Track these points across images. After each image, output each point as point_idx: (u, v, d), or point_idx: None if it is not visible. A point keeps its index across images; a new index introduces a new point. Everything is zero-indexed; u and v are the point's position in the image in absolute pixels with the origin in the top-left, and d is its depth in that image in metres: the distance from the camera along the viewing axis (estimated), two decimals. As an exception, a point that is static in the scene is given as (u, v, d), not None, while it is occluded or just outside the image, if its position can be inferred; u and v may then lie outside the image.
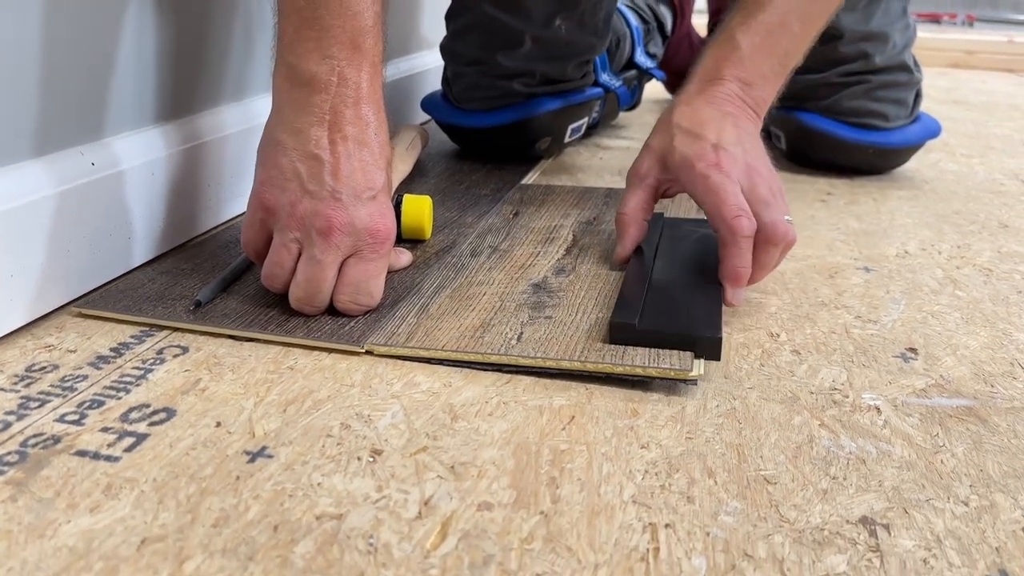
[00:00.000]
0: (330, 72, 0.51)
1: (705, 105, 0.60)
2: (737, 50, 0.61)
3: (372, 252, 0.52)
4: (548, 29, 0.87)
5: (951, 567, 0.34)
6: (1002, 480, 0.40)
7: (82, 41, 0.55)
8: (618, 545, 0.35)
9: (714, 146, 0.57)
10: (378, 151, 0.53)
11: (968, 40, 1.96)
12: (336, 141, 0.51)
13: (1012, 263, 0.69)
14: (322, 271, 0.51)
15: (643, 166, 0.61)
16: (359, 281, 0.52)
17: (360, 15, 0.51)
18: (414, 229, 0.66)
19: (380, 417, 0.44)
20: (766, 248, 0.55)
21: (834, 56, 0.90)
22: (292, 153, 0.51)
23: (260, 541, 0.34)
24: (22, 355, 0.49)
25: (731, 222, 0.54)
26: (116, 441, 0.41)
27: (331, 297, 0.53)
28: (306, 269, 0.51)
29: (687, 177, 0.57)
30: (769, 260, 0.56)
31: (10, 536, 0.34)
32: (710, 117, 0.59)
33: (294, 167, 0.51)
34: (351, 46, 0.51)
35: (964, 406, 0.47)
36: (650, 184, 0.61)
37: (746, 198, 0.55)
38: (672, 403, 0.46)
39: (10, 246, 0.49)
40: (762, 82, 0.62)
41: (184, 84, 0.66)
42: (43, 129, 0.53)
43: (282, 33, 0.52)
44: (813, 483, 0.39)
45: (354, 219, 0.51)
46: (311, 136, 0.51)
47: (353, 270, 0.52)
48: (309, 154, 0.51)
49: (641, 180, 0.61)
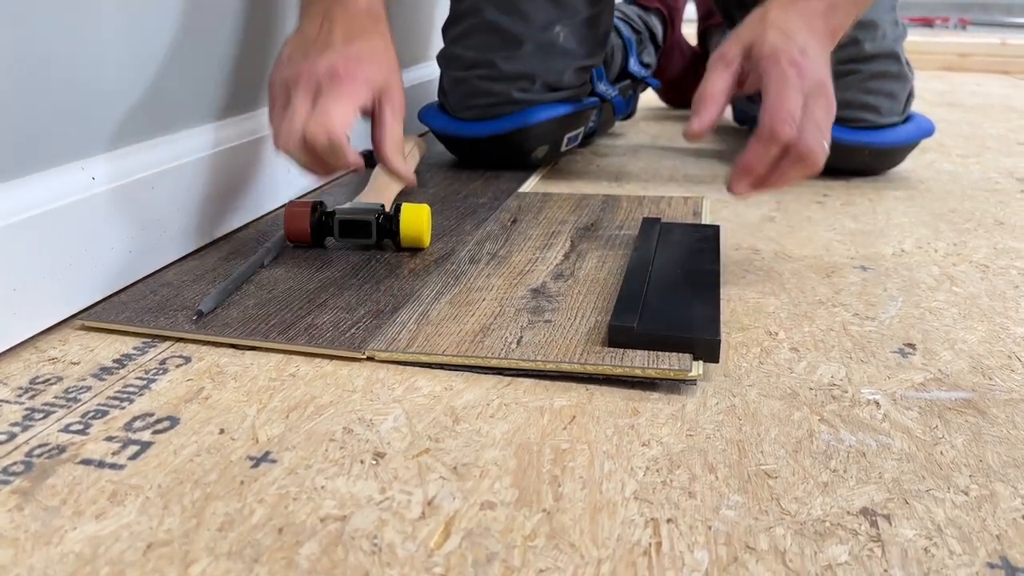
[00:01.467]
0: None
1: (796, 15, 0.62)
2: None
3: (330, 89, 0.60)
4: (548, 34, 0.88)
5: (952, 555, 0.34)
6: (1002, 470, 0.40)
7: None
8: (621, 540, 0.35)
9: (800, 50, 0.59)
10: (357, 25, 0.63)
11: (961, 43, 1.98)
12: (323, 24, 0.63)
13: (1008, 259, 0.69)
14: (294, 108, 0.60)
15: (730, 51, 0.63)
16: (317, 112, 0.59)
17: None
18: (413, 237, 0.66)
19: (382, 421, 0.44)
20: (793, 164, 0.58)
21: None
22: (290, 44, 0.64)
23: (265, 544, 0.35)
24: (26, 368, 0.49)
25: (777, 124, 0.57)
26: (121, 449, 0.41)
27: None
28: (286, 110, 0.61)
29: (767, 67, 0.59)
30: (789, 174, 0.58)
31: (17, 543, 0.34)
32: (800, 27, 0.61)
33: (288, 51, 0.63)
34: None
35: (963, 399, 0.47)
36: (735, 70, 0.62)
37: (803, 111, 0.57)
38: (672, 401, 0.46)
39: (12, 260, 0.50)
40: (844, 9, 0.65)
41: (184, 97, 0.67)
42: (42, 144, 0.53)
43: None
44: (814, 476, 0.40)
45: (316, 66, 0.61)
46: (305, 26, 0.64)
47: (317, 102, 0.60)
48: (302, 36, 0.63)
49: (728, 65, 0.62)
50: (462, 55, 0.91)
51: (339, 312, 0.56)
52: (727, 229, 0.77)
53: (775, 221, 0.79)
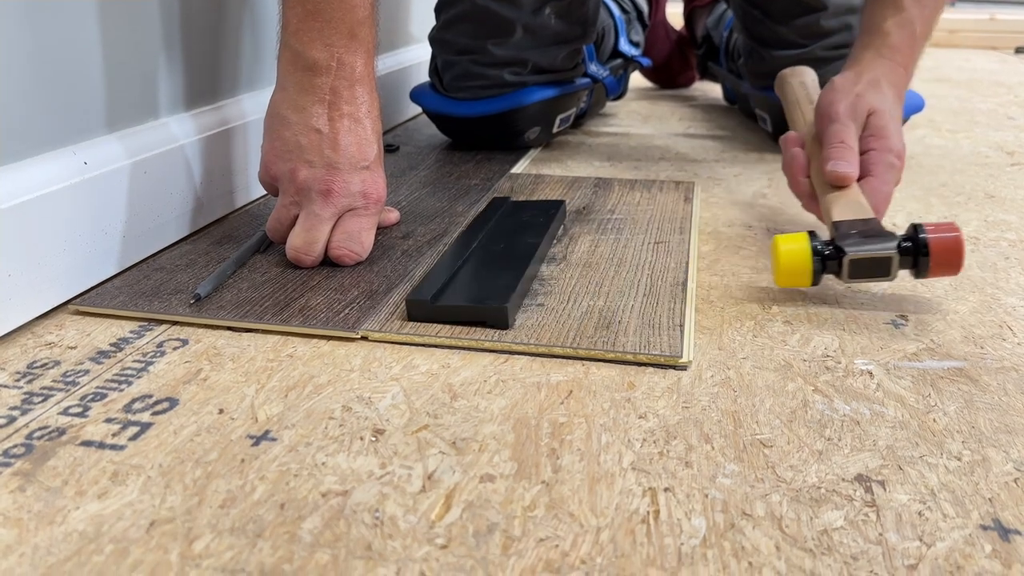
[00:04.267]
0: (330, 58, 0.58)
1: (888, 85, 0.65)
2: (912, 34, 0.67)
3: (365, 210, 0.60)
4: (538, 18, 0.88)
5: (946, 518, 0.35)
6: (993, 436, 0.41)
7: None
8: (619, 509, 0.35)
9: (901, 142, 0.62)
10: (371, 127, 0.60)
11: (950, 19, 1.97)
12: (334, 118, 0.58)
13: (999, 231, 0.69)
14: (320, 223, 0.58)
15: (840, 111, 0.63)
16: (352, 231, 0.59)
17: (357, 8, 0.58)
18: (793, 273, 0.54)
19: (381, 399, 0.44)
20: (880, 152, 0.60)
21: (817, 29, 0.91)
22: (295, 127, 0.59)
23: (268, 519, 0.35)
24: (23, 353, 0.49)
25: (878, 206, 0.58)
26: (120, 431, 0.41)
27: (326, 249, 0.59)
28: (305, 222, 0.59)
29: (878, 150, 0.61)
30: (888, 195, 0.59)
31: (20, 524, 0.35)
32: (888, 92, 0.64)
33: (296, 140, 0.58)
34: (349, 35, 0.58)
35: (955, 367, 0.47)
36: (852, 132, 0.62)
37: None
38: (668, 375, 0.47)
39: (6, 246, 0.50)
40: (910, 72, 0.69)
41: (175, 81, 0.67)
42: (33, 130, 0.53)
43: (287, 22, 0.59)
44: (808, 445, 0.40)
45: (350, 184, 0.59)
46: (313, 113, 0.58)
47: (348, 222, 0.59)
48: (311, 128, 0.58)
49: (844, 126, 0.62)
50: (454, 40, 0.91)
51: (332, 293, 0.56)
52: (720, 206, 0.77)
53: (767, 198, 0.79)
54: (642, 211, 0.73)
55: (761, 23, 0.96)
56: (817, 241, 0.54)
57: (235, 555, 0.33)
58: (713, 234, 0.69)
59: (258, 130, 0.75)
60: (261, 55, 0.78)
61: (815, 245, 0.53)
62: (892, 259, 0.52)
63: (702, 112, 1.22)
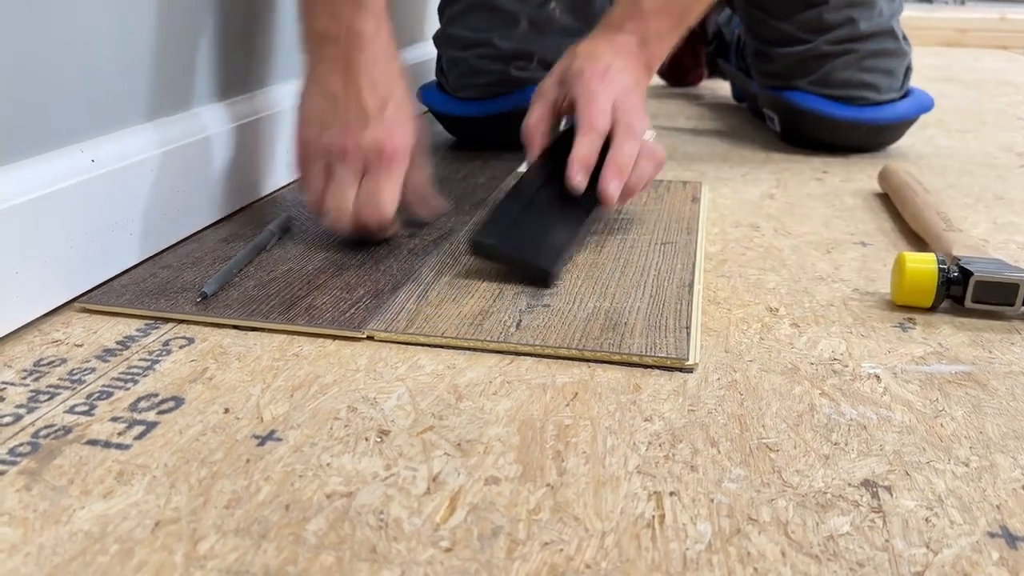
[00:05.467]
0: (339, 28, 0.61)
1: (607, 47, 0.67)
2: (639, 7, 0.68)
3: (379, 168, 0.60)
4: (543, 10, 0.88)
5: (953, 525, 0.35)
6: (1001, 441, 0.41)
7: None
8: (624, 513, 0.35)
9: (605, 66, 0.64)
10: (384, 86, 0.62)
11: (960, 18, 1.97)
12: (348, 82, 0.61)
13: (1007, 233, 0.69)
14: (343, 186, 0.60)
15: (545, 84, 0.68)
16: (371, 192, 0.60)
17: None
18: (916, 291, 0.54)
19: (386, 399, 0.44)
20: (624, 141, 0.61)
21: (820, 24, 0.90)
22: (314, 97, 0.62)
23: (272, 520, 0.35)
24: (30, 350, 0.49)
25: (592, 116, 0.61)
26: (126, 430, 0.41)
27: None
28: (332, 187, 0.61)
29: (575, 84, 0.64)
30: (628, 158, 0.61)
31: (26, 523, 0.35)
32: (606, 52, 0.66)
33: (316, 108, 0.61)
34: (354, 5, 0.61)
35: (963, 372, 0.47)
36: (549, 99, 0.67)
37: (614, 116, 0.62)
38: (674, 377, 0.47)
39: (14, 243, 0.50)
40: (658, 40, 0.69)
41: (182, 79, 0.67)
42: (41, 127, 0.53)
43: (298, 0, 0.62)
44: (815, 449, 0.40)
45: (362, 140, 0.60)
46: (328, 81, 0.61)
47: (366, 183, 0.60)
48: (327, 94, 0.61)
49: (542, 96, 0.68)
50: (459, 35, 0.91)
51: (338, 292, 0.56)
52: (727, 206, 0.77)
53: (775, 198, 0.79)
54: (648, 211, 0.73)
55: (764, 23, 0.95)
56: (943, 263, 0.54)
57: (240, 556, 0.33)
58: (720, 234, 0.69)
59: (265, 128, 0.75)
60: (257, 54, 0.78)
61: (941, 266, 0.54)
62: (1020, 286, 0.53)
63: (709, 111, 1.22)
